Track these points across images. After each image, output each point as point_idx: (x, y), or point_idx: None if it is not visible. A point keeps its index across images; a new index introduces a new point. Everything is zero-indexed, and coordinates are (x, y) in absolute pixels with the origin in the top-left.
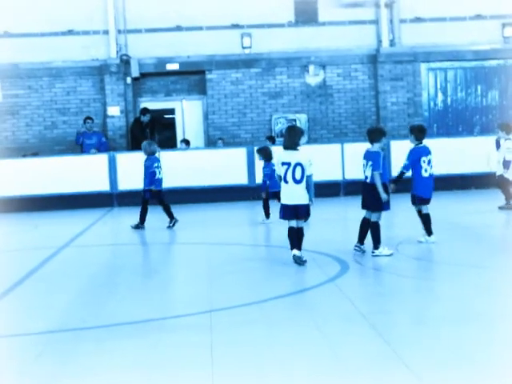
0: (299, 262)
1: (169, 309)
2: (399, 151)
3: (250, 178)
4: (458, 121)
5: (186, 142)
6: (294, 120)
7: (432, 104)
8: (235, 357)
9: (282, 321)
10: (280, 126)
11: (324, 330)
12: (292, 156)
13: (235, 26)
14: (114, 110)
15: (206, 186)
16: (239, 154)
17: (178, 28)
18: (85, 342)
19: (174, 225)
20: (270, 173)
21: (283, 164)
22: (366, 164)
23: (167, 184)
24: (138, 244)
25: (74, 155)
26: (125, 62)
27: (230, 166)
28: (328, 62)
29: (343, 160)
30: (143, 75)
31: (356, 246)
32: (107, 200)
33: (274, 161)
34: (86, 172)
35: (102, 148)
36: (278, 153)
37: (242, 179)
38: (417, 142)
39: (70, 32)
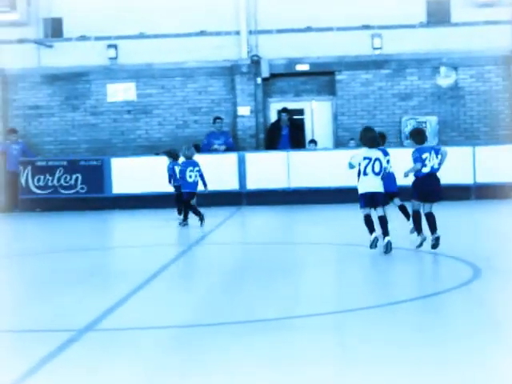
0: (376, 239)
1: (300, 307)
2: None
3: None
4: None
5: (314, 143)
6: (425, 122)
7: None
8: (366, 358)
9: (412, 324)
10: (409, 127)
11: (456, 335)
12: (373, 153)
13: (365, 27)
14: (244, 110)
15: (333, 187)
16: None
17: (309, 29)
18: (218, 337)
19: (184, 225)
20: (171, 172)
21: (365, 158)
22: (430, 156)
23: (295, 184)
24: (267, 243)
25: (204, 154)
26: (255, 62)
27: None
28: (460, 63)
29: (474, 163)
30: (273, 75)
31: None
32: (236, 198)
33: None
34: (215, 171)
35: (227, 147)
36: (361, 150)
37: None
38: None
39: (203, 33)
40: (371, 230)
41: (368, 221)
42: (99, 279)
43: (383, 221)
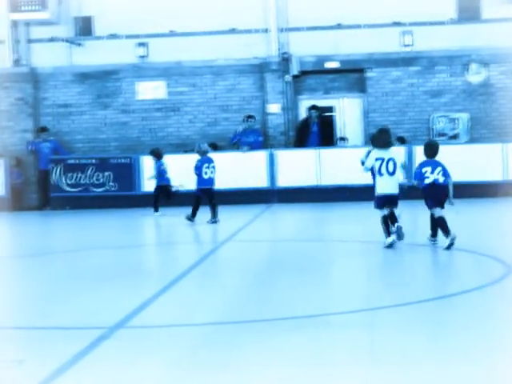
0: (392, 244)
1: (328, 305)
2: None
3: (408, 176)
4: None
5: (344, 140)
6: (456, 119)
7: None
8: (396, 357)
9: (442, 322)
10: (441, 124)
11: (488, 334)
12: (385, 153)
13: (396, 24)
14: (274, 108)
15: (363, 185)
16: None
17: (338, 26)
18: (249, 335)
19: (215, 222)
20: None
21: (377, 159)
22: (433, 170)
23: (325, 182)
24: (297, 241)
25: (234, 151)
26: (285, 59)
27: None
28: (491, 59)
29: (505, 160)
30: (303, 73)
31: (433, 239)
32: (266, 196)
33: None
34: (245, 168)
35: (255, 146)
36: (373, 151)
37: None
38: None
39: (233, 31)
40: (388, 232)
41: (386, 223)
42: (130, 277)
43: (393, 215)
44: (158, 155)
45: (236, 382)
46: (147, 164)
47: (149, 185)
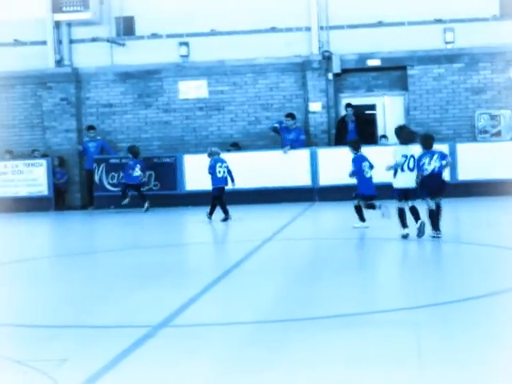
0: (421, 232)
1: (374, 303)
2: None
3: (452, 175)
4: None
5: (385, 138)
6: (498, 116)
7: None
8: (442, 354)
9: (484, 321)
10: (483, 122)
11: None
12: (408, 150)
13: (438, 21)
14: (315, 106)
15: None
16: None
17: (380, 23)
18: (292, 334)
19: (225, 220)
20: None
21: (402, 156)
22: (430, 160)
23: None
24: (339, 239)
25: (276, 150)
26: (326, 58)
27: None
28: None
29: None
30: (344, 71)
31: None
32: (308, 195)
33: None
34: (287, 167)
35: (296, 144)
36: (398, 147)
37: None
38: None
39: (274, 29)
40: (404, 224)
41: (402, 214)
42: (173, 275)
43: (414, 210)
44: (133, 153)
45: (283, 381)
46: (190, 163)
47: (192, 184)
